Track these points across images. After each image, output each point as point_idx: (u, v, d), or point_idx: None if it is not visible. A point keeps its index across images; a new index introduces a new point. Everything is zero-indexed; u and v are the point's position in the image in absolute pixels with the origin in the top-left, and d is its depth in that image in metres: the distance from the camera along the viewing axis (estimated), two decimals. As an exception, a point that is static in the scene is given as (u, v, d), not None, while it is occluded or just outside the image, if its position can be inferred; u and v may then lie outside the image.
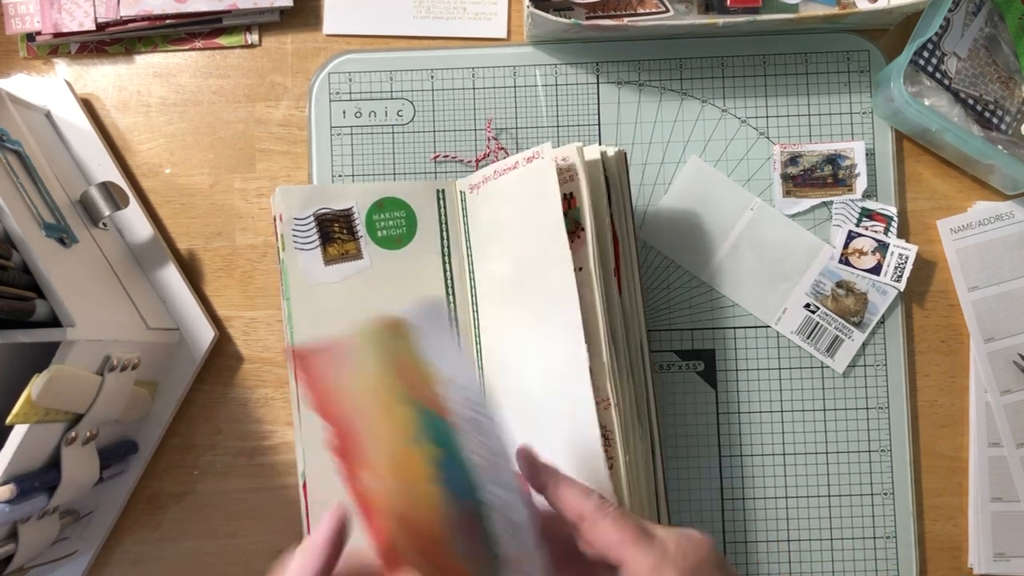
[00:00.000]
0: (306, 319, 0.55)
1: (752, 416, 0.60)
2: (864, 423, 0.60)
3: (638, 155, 0.61)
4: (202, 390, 0.61)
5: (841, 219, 0.60)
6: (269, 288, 0.62)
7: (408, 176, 0.61)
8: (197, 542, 0.61)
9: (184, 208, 0.62)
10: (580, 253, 0.50)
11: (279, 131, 0.62)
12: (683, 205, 0.61)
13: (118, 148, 0.62)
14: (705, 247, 0.61)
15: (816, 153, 0.60)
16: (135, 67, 0.63)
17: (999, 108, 0.59)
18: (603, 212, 0.51)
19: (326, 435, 0.34)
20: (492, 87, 0.61)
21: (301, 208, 0.55)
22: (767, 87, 0.61)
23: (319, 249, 0.55)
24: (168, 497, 0.61)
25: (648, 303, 0.61)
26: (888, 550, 0.59)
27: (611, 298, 0.51)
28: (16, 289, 0.46)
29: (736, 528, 0.59)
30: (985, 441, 0.59)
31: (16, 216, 0.47)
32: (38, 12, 0.60)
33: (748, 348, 0.60)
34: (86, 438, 0.51)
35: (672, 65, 0.61)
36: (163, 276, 0.60)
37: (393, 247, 0.57)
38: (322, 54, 0.62)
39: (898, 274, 0.59)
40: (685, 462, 0.60)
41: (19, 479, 0.47)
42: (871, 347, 0.60)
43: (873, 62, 0.61)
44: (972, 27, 0.59)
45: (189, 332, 0.60)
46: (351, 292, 0.56)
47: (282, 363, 0.61)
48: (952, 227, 0.60)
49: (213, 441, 0.61)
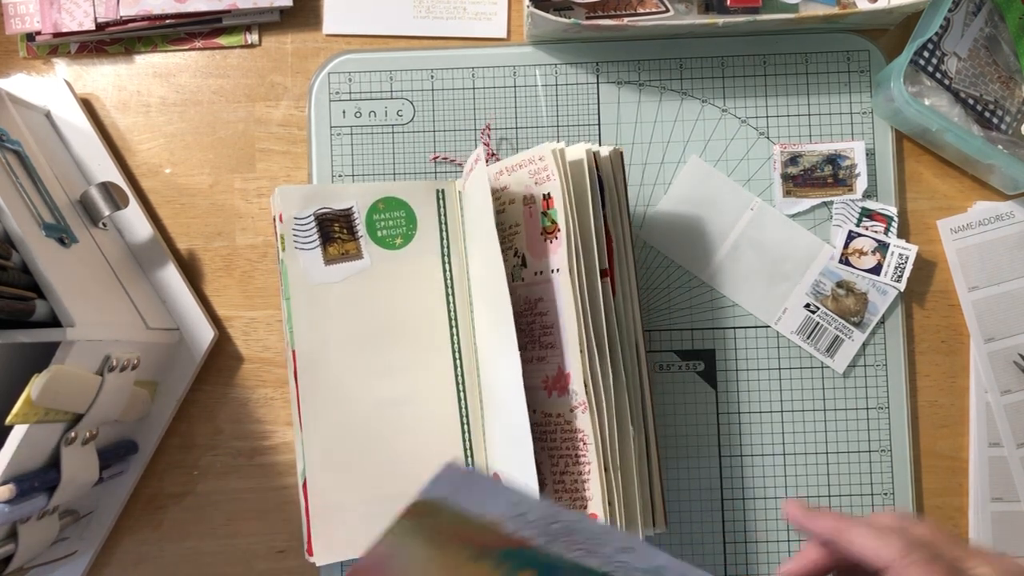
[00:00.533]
0: (306, 319, 0.55)
1: (752, 416, 0.60)
2: (864, 423, 0.60)
3: (638, 155, 0.61)
4: (202, 390, 0.61)
5: (841, 219, 0.60)
6: (269, 288, 0.62)
7: (408, 176, 0.61)
8: (197, 542, 0.61)
9: (184, 208, 0.62)
10: (558, 254, 0.50)
11: (279, 131, 0.62)
12: (683, 205, 0.61)
13: (118, 148, 0.62)
14: (705, 247, 0.61)
15: (816, 153, 0.60)
16: (135, 67, 0.63)
17: (999, 108, 0.59)
18: (587, 212, 0.51)
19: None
20: (492, 87, 0.61)
21: (301, 208, 0.55)
22: (767, 87, 0.61)
23: (319, 249, 0.55)
24: (168, 497, 0.61)
25: (648, 303, 0.61)
26: (888, 550, 0.59)
27: (594, 300, 0.50)
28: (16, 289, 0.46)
29: (736, 528, 0.59)
30: (985, 441, 0.59)
31: (16, 216, 0.47)
32: (38, 12, 0.60)
33: (748, 348, 0.60)
34: (86, 438, 0.51)
35: (672, 65, 0.61)
36: (163, 276, 0.60)
37: (393, 247, 0.57)
38: (322, 54, 0.62)
39: (898, 274, 0.59)
40: (685, 462, 0.60)
41: (19, 479, 0.47)
42: (871, 347, 0.60)
43: (873, 62, 0.61)
44: (972, 27, 0.59)
45: (189, 332, 0.60)
46: (351, 292, 0.56)
47: (282, 363, 0.61)
48: (952, 227, 0.60)
49: (213, 441, 0.61)
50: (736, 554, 0.59)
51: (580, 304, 0.49)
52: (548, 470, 0.52)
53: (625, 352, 0.52)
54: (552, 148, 0.50)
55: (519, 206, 0.53)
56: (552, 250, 0.50)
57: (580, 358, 0.49)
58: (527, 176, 0.52)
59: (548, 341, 0.51)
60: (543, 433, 0.53)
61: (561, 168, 0.50)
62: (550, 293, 0.51)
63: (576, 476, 0.50)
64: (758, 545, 0.59)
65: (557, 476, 0.52)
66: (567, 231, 0.49)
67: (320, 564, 0.54)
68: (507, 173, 0.54)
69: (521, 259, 0.53)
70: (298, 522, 0.60)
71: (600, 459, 0.49)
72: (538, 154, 0.51)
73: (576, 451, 0.50)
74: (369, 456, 0.55)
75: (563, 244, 0.49)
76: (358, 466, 0.55)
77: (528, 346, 0.53)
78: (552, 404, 0.51)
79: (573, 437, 0.50)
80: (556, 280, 0.50)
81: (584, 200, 0.51)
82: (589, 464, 0.49)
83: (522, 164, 0.52)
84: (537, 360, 0.52)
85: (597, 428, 0.49)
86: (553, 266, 0.50)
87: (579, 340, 0.49)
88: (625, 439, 0.51)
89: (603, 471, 0.49)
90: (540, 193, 0.51)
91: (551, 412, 0.52)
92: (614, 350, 0.51)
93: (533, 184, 0.51)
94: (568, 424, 0.50)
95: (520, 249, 0.53)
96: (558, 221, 0.50)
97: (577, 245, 0.49)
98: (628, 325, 0.52)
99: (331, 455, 0.55)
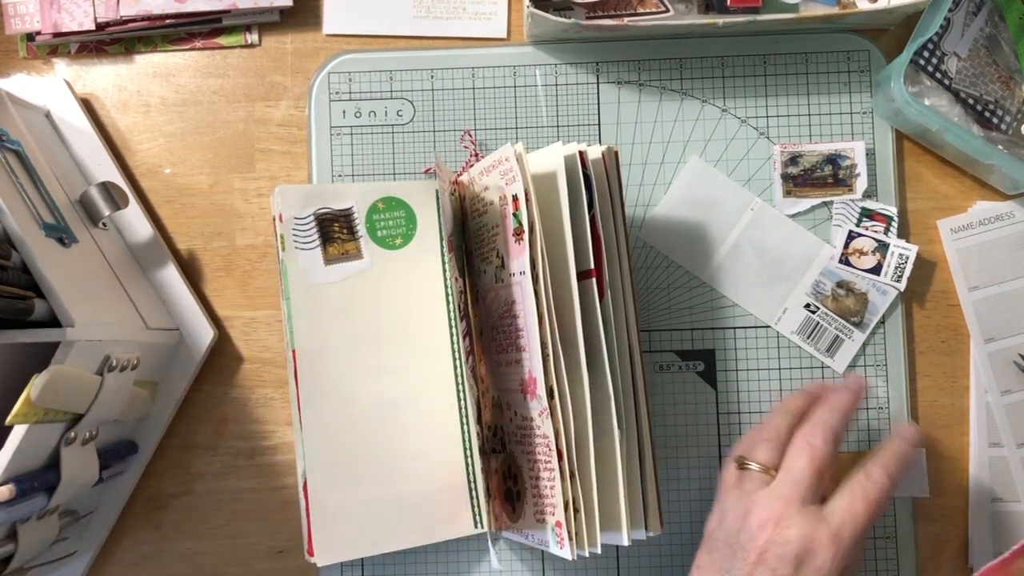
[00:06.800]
0: (306, 319, 0.55)
1: (752, 416, 0.60)
2: (864, 423, 0.60)
3: (638, 155, 0.61)
4: (202, 390, 0.61)
5: (841, 219, 0.60)
6: (269, 288, 0.62)
7: (408, 176, 0.61)
8: (197, 542, 0.61)
9: (184, 208, 0.62)
10: (523, 256, 0.49)
11: (279, 131, 0.62)
12: (683, 205, 0.61)
13: (118, 148, 0.62)
14: (705, 247, 0.61)
15: (816, 153, 0.60)
16: (135, 67, 0.63)
17: (999, 108, 0.59)
18: (558, 214, 0.49)
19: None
20: (492, 87, 0.61)
21: (301, 207, 0.55)
22: (767, 87, 0.61)
23: (319, 249, 0.55)
24: (168, 497, 0.61)
25: (648, 303, 0.61)
26: (888, 550, 0.59)
27: (563, 303, 0.49)
28: (15, 289, 0.46)
29: (736, 528, 0.59)
30: (985, 441, 0.59)
31: (16, 216, 0.47)
32: (38, 12, 0.60)
33: (748, 348, 0.60)
34: (86, 438, 0.51)
35: (672, 65, 0.61)
36: (163, 276, 0.60)
37: (393, 247, 0.57)
38: (322, 54, 0.62)
39: (898, 274, 0.59)
40: (685, 462, 0.60)
41: (19, 479, 0.47)
42: (871, 347, 0.60)
43: (873, 62, 0.61)
44: (972, 27, 0.59)
45: (189, 332, 0.60)
46: (351, 292, 0.56)
47: (282, 363, 0.61)
48: (952, 227, 0.60)
49: (213, 441, 0.61)
50: (736, 554, 0.59)
51: (545, 307, 0.48)
52: (526, 474, 0.52)
53: (612, 353, 0.51)
54: (514, 149, 0.49)
55: (498, 207, 0.52)
56: (517, 253, 0.50)
57: (543, 364, 0.48)
58: (499, 177, 0.51)
59: (522, 344, 0.51)
60: (522, 437, 0.52)
61: (523, 169, 0.49)
62: (519, 296, 0.50)
63: (547, 480, 0.50)
64: (758, 545, 0.59)
65: (533, 480, 0.52)
66: (528, 233, 0.48)
67: (320, 564, 0.54)
68: (486, 174, 0.53)
69: (501, 260, 0.52)
70: (298, 522, 0.60)
71: (559, 465, 0.48)
72: (504, 155, 0.50)
73: (546, 456, 0.50)
74: (369, 456, 0.55)
75: (526, 246, 0.49)
76: (358, 466, 0.55)
77: (507, 348, 0.53)
78: (527, 407, 0.51)
79: (543, 442, 0.50)
80: (523, 283, 0.49)
81: (555, 201, 0.50)
82: (555, 470, 0.49)
83: (494, 165, 0.52)
84: (515, 363, 0.52)
85: (561, 433, 0.49)
86: (520, 268, 0.50)
87: (540, 344, 0.48)
88: (609, 441, 0.50)
89: (566, 478, 0.48)
90: (510, 194, 0.50)
91: (527, 416, 0.51)
92: (595, 353, 0.50)
93: (504, 185, 0.51)
94: (539, 429, 0.50)
95: (500, 251, 0.52)
96: (523, 222, 0.49)
97: (542, 246, 0.48)
98: (620, 326, 0.52)
99: (331, 455, 0.55)
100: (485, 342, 0.56)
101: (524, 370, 0.51)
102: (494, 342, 0.55)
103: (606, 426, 0.50)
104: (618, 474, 0.50)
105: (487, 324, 0.56)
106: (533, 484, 0.51)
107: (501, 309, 0.53)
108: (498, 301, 0.53)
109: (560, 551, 0.49)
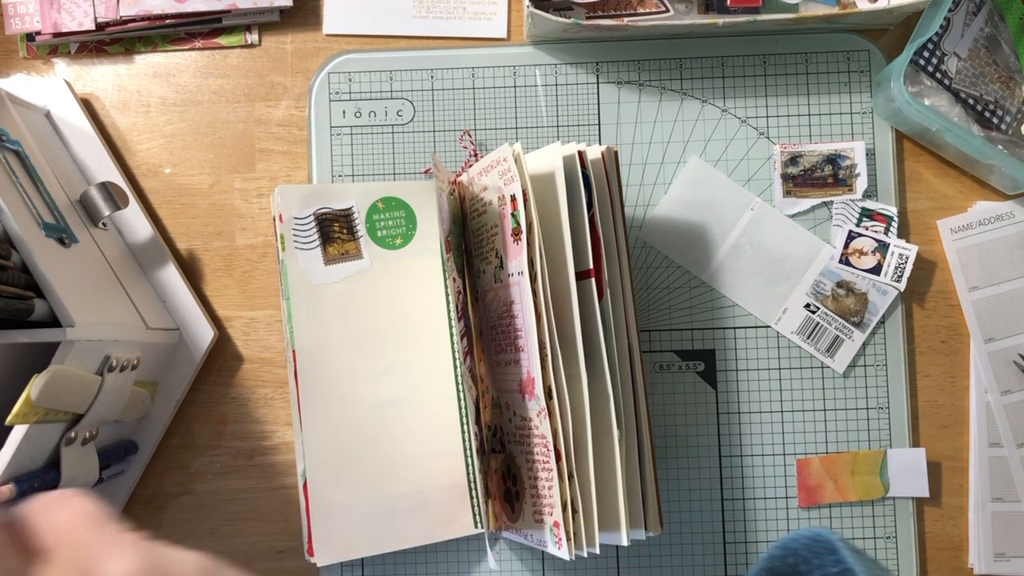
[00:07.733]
0: (306, 319, 0.55)
1: (752, 416, 0.60)
2: (864, 423, 0.59)
3: (638, 155, 0.61)
4: (202, 390, 0.61)
5: (841, 219, 0.60)
6: (269, 288, 0.62)
7: (408, 176, 0.61)
8: (197, 542, 0.61)
9: (184, 208, 0.62)
10: (520, 256, 0.49)
11: (279, 131, 0.62)
12: (683, 205, 0.61)
13: (118, 148, 0.62)
14: (705, 247, 0.61)
15: (816, 153, 0.60)
16: (135, 67, 0.63)
17: (999, 108, 0.59)
18: (557, 214, 0.49)
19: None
20: (492, 87, 0.61)
21: (301, 207, 0.55)
22: (767, 87, 0.61)
23: (319, 249, 0.55)
24: (168, 497, 0.61)
25: (648, 303, 0.61)
26: (888, 550, 0.59)
27: (561, 303, 0.49)
28: (15, 289, 0.46)
29: (736, 528, 0.59)
30: (985, 441, 0.59)
31: (16, 216, 0.47)
32: (38, 12, 0.60)
33: (748, 348, 0.60)
34: (86, 438, 0.51)
35: (672, 65, 0.61)
36: (163, 276, 0.60)
37: (393, 247, 0.57)
38: (322, 54, 0.62)
39: (898, 274, 0.59)
40: (685, 462, 0.60)
41: (19, 479, 0.47)
42: (871, 347, 0.60)
43: (873, 62, 0.61)
44: (972, 27, 0.59)
45: (189, 332, 0.60)
46: (351, 292, 0.56)
47: (282, 363, 0.61)
48: (952, 227, 0.60)
49: (213, 441, 0.61)
50: (736, 554, 0.59)
51: (543, 307, 0.48)
52: (525, 474, 0.52)
53: (612, 353, 0.51)
54: (512, 149, 0.49)
55: (496, 207, 0.52)
56: (516, 253, 0.50)
57: (542, 364, 0.48)
58: (497, 177, 0.51)
59: (520, 344, 0.51)
60: (521, 437, 0.52)
61: (521, 169, 0.49)
62: (518, 296, 0.50)
63: (545, 481, 0.50)
64: (758, 545, 0.59)
65: (532, 481, 0.52)
66: (526, 233, 0.49)
67: (320, 564, 0.54)
68: (485, 174, 0.53)
69: (500, 261, 0.52)
70: (298, 522, 0.60)
71: (557, 465, 0.48)
72: (502, 155, 0.50)
73: (544, 456, 0.50)
74: (369, 456, 0.55)
75: (523, 247, 0.49)
76: (358, 466, 0.55)
77: (506, 348, 0.53)
78: (526, 407, 0.51)
79: (541, 442, 0.50)
80: (521, 283, 0.49)
81: (554, 201, 0.50)
82: (552, 470, 0.49)
83: (492, 165, 0.52)
84: (513, 363, 0.52)
85: (559, 433, 0.49)
86: (518, 268, 0.50)
87: (538, 345, 0.48)
88: (608, 442, 0.50)
89: (564, 478, 0.48)
90: (508, 194, 0.50)
91: (526, 416, 0.51)
92: (594, 353, 0.50)
93: (503, 185, 0.51)
94: (537, 429, 0.50)
95: (499, 251, 0.52)
96: (520, 222, 0.49)
97: (540, 246, 0.48)
98: (619, 326, 0.52)
99: (331, 455, 0.55)
100: (484, 342, 0.56)
101: (522, 370, 0.51)
102: (493, 342, 0.55)
103: (605, 426, 0.50)
104: (617, 474, 0.50)
105: (486, 324, 0.56)
106: (532, 484, 0.51)
107: (500, 309, 0.53)
108: (497, 301, 0.53)
109: (558, 551, 0.49)
